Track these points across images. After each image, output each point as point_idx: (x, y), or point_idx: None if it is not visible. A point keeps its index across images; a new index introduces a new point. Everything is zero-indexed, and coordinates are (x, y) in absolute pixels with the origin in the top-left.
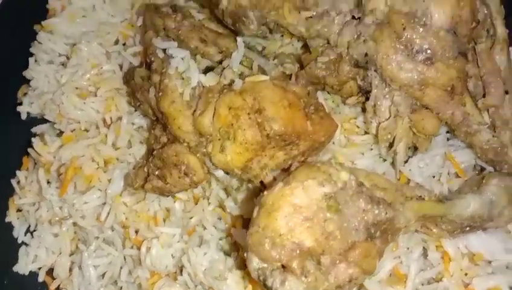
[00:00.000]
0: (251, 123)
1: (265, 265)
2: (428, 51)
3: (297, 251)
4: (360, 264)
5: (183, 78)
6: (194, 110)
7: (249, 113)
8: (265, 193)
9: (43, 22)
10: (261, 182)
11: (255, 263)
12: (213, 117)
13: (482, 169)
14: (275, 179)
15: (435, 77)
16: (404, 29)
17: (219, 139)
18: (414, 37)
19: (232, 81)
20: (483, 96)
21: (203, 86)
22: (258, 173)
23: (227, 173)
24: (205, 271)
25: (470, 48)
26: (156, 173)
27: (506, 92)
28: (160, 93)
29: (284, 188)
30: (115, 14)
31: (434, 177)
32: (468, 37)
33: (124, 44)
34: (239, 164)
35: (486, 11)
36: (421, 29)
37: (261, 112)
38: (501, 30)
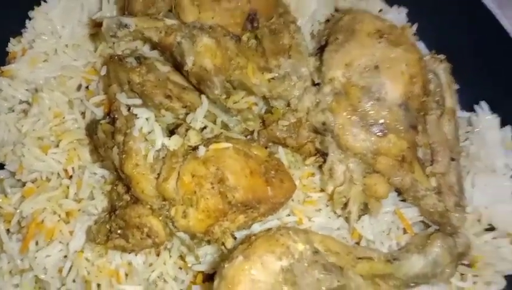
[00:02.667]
0: (214, 192)
1: None
2: (382, 124)
3: None
4: None
5: (147, 140)
6: (158, 174)
7: (211, 183)
8: (226, 265)
9: (3, 68)
10: (223, 244)
11: None
12: (176, 182)
13: (428, 225)
14: (235, 238)
15: (387, 147)
16: (359, 102)
17: (182, 205)
18: (369, 110)
19: (196, 145)
20: (431, 163)
21: (167, 149)
22: (219, 236)
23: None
24: None
25: (420, 117)
26: (118, 231)
27: (453, 159)
28: (123, 155)
29: (244, 263)
30: (77, 58)
31: (384, 232)
32: (418, 109)
33: (87, 87)
34: (201, 229)
35: (437, 81)
36: (375, 104)
37: (224, 182)
38: (449, 101)
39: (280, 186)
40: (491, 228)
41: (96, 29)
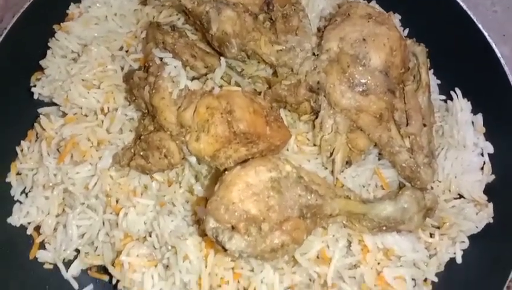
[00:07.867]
0: (222, 121)
1: (219, 225)
2: (365, 85)
3: (245, 217)
4: (291, 234)
5: (173, 81)
6: (179, 107)
7: (221, 113)
8: (226, 172)
9: (62, 24)
10: (225, 170)
11: (211, 223)
12: (193, 113)
13: (404, 186)
14: None
15: (368, 105)
16: (348, 66)
17: (196, 131)
18: (355, 73)
19: (212, 88)
20: (406, 125)
21: (189, 89)
22: (223, 161)
23: (199, 161)
24: (170, 233)
25: (399, 87)
26: (141, 153)
27: (424, 125)
28: (153, 91)
29: (241, 170)
30: (122, 25)
31: (364, 187)
32: (397, 78)
33: (126, 51)
34: (209, 152)
35: (415, 62)
36: (360, 68)
37: (231, 113)
38: (424, 77)
39: (277, 131)
40: (459, 197)
41: None
